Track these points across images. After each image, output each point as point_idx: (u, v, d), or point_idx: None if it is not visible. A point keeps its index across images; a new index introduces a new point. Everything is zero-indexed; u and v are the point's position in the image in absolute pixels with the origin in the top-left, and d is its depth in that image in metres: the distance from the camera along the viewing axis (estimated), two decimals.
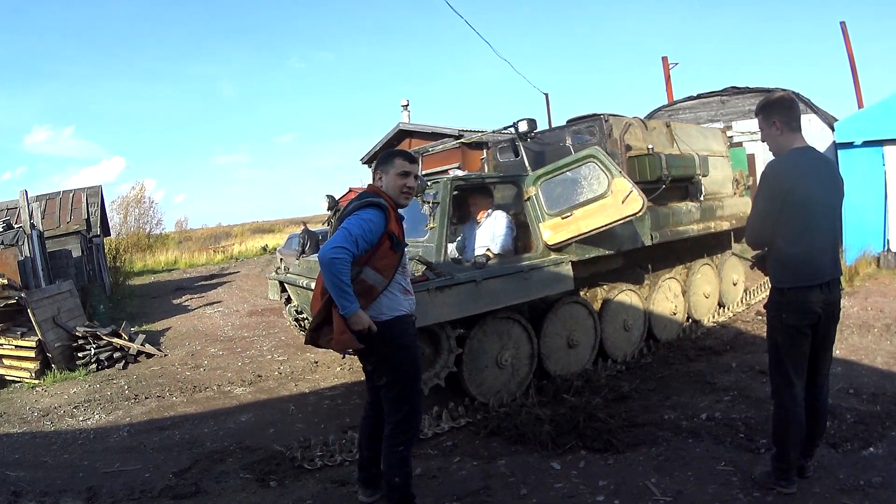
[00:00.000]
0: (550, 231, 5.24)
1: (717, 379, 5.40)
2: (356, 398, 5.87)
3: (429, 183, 5.14)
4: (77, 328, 8.63)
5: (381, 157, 3.39)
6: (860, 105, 14.61)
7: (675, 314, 6.80)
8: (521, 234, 5.61)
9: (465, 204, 5.75)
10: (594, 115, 6.26)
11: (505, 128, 5.86)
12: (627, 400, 5.05)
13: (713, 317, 7.42)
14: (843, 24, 15.38)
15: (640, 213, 5.08)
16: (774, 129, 3.20)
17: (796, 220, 3.07)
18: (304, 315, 6.62)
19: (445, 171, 11.42)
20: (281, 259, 18.04)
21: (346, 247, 2.93)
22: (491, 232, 5.44)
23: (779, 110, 3.19)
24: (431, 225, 5.01)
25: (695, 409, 4.75)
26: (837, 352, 5.71)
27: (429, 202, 5.01)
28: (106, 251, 20.50)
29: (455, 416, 4.92)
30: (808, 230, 3.08)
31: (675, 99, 16.09)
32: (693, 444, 4.11)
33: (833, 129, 11.53)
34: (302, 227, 18.16)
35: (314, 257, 6.32)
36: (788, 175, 3.07)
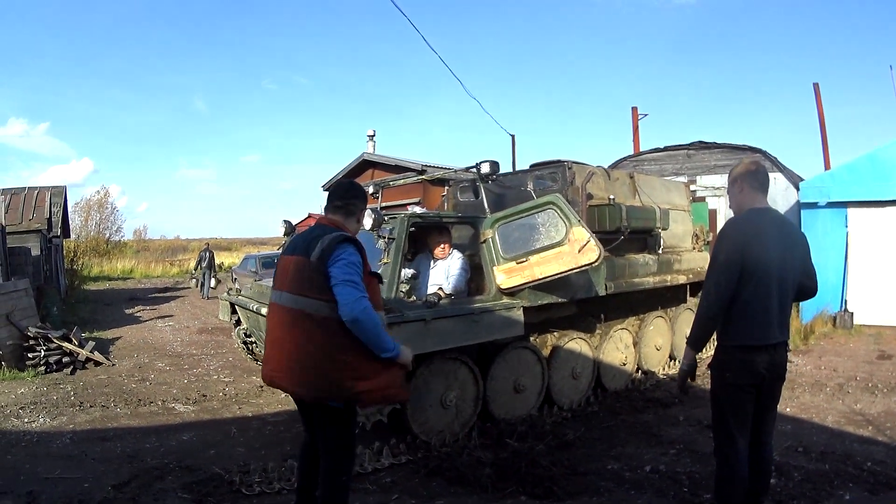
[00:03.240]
0: (504, 275, 5.23)
1: (664, 431, 5.40)
2: (298, 426, 5.70)
3: (386, 218, 5.12)
4: (29, 328, 8.52)
5: (361, 194, 3.36)
6: (827, 166, 14.94)
7: (624, 364, 6.81)
8: (475, 275, 5.61)
9: (421, 241, 5.75)
10: (558, 161, 6.33)
11: (467, 168, 5.88)
12: (571, 448, 5.01)
13: (664, 369, 7.47)
14: (815, 85, 15.78)
15: (597, 264, 5.10)
16: (736, 187, 3.29)
17: (747, 279, 3.05)
18: (253, 338, 6.55)
19: (405, 206, 11.49)
20: (235, 279, 18.34)
21: (365, 294, 2.87)
22: (445, 272, 5.44)
23: (743, 174, 3.26)
24: (385, 260, 4.97)
25: (639, 460, 4.73)
26: (788, 409, 5.81)
27: (384, 237, 4.99)
28: (64, 253, 20.23)
29: (396, 452, 4.85)
30: (757, 291, 3.06)
31: (641, 149, 16.36)
32: (635, 496, 4.10)
33: (798, 189, 11.78)
34: (205, 246, 19.63)
35: (265, 281, 6.25)
36: (746, 232, 3.10)
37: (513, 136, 18.61)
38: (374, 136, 20.34)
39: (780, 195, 13.15)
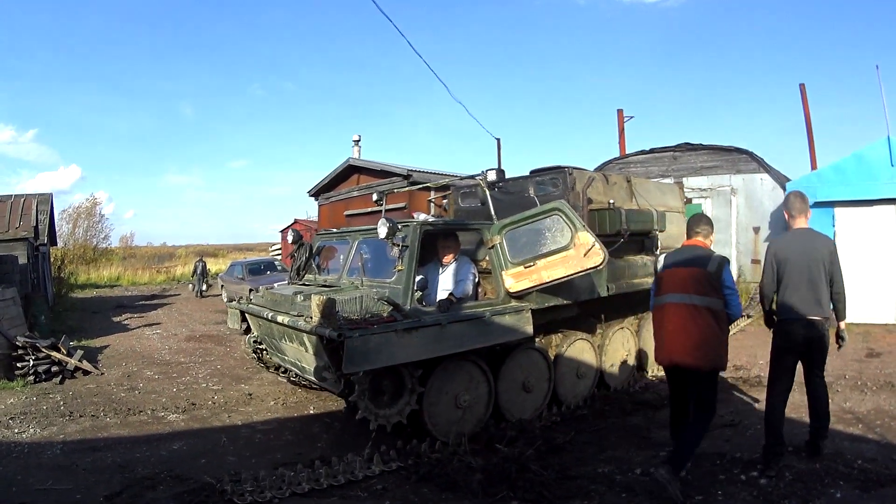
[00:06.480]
0: (513, 279, 5.32)
1: (654, 434, 5.41)
2: (288, 434, 5.80)
3: (399, 226, 5.16)
4: (18, 338, 8.39)
5: (708, 222, 4.61)
6: (814, 166, 14.92)
7: (626, 362, 6.94)
8: (482, 280, 5.70)
9: (429, 247, 5.78)
10: (558, 167, 6.42)
11: (471, 176, 5.94)
12: (562, 452, 5.01)
13: (659, 369, 7.45)
14: (802, 86, 15.76)
15: (601, 267, 5.17)
16: (784, 213, 4.82)
17: (781, 274, 4.52)
18: (264, 346, 6.57)
19: (401, 211, 11.53)
20: (222, 286, 18.39)
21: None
22: (453, 277, 5.53)
23: (784, 205, 4.85)
24: (399, 267, 5.07)
25: (630, 463, 4.74)
26: None
27: (398, 245, 5.07)
28: (51, 261, 20.01)
29: (386, 459, 4.83)
30: (786, 283, 4.49)
31: (627, 152, 16.28)
32: (627, 499, 4.10)
33: (785, 189, 11.85)
34: (199, 257, 23.14)
35: (282, 290, 6.20)
36: (779, 244, 4.63)
37: (498, 140, 18.54)
38: (359, 140, 20.13)
39: (766, 196, 13.26)
